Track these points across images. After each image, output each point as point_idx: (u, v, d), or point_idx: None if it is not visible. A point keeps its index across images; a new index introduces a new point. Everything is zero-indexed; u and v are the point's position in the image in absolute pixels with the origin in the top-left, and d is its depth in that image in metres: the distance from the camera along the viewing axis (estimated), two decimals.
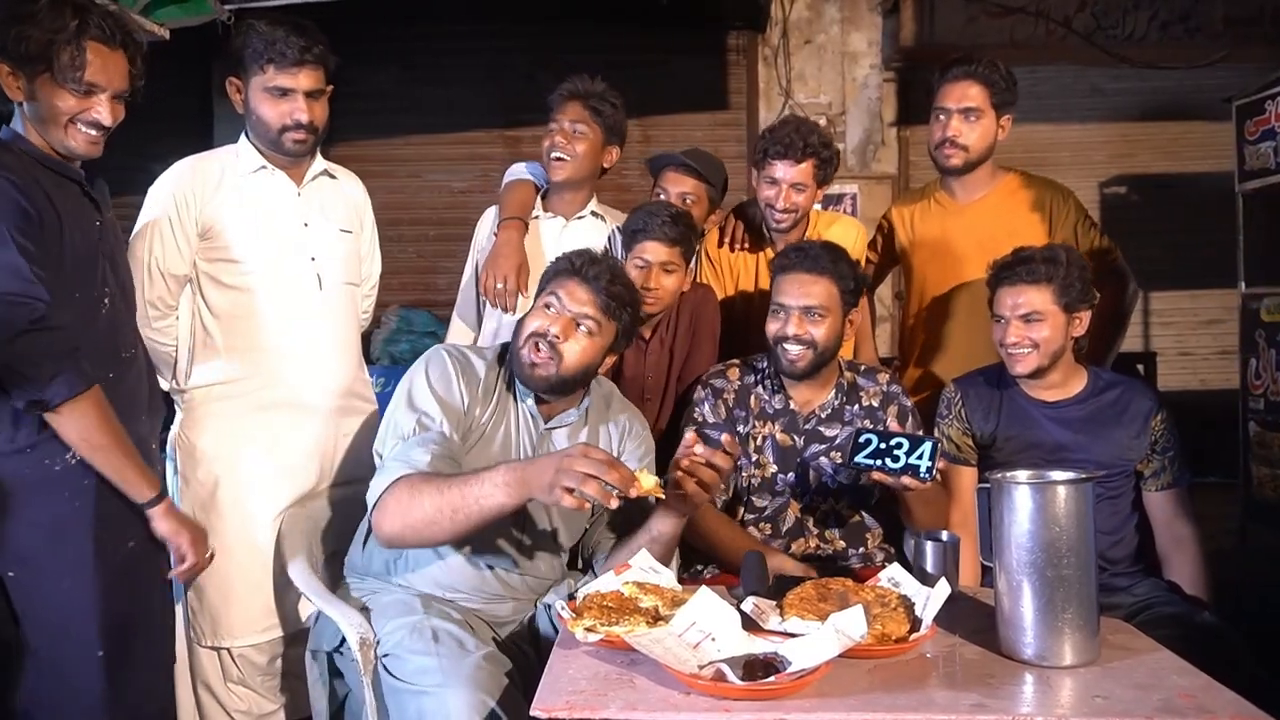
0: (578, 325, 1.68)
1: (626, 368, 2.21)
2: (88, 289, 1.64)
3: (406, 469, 1.53)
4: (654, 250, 2.09)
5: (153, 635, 1.78)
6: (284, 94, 1.95)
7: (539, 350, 1.66)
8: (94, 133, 1.62)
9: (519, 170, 2.40)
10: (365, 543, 1.79)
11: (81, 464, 1.62)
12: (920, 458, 1.65)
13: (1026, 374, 1.98)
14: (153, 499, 1.69)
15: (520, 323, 1.73)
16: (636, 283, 1.91)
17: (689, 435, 1.54)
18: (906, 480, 1.66)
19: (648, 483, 1.43)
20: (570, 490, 1.35)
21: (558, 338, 1.66)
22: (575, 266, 1.71)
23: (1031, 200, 2.38)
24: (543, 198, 2.35)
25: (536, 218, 2.31)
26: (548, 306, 1.70)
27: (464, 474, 1.51)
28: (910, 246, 2.46)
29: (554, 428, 1.76)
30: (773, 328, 1.96)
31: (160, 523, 1.71)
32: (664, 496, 1.50)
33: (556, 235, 2.29)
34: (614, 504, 1.37)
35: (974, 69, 2.32)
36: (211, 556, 1.83)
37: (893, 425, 2.01)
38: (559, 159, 2.25)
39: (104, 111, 1.61)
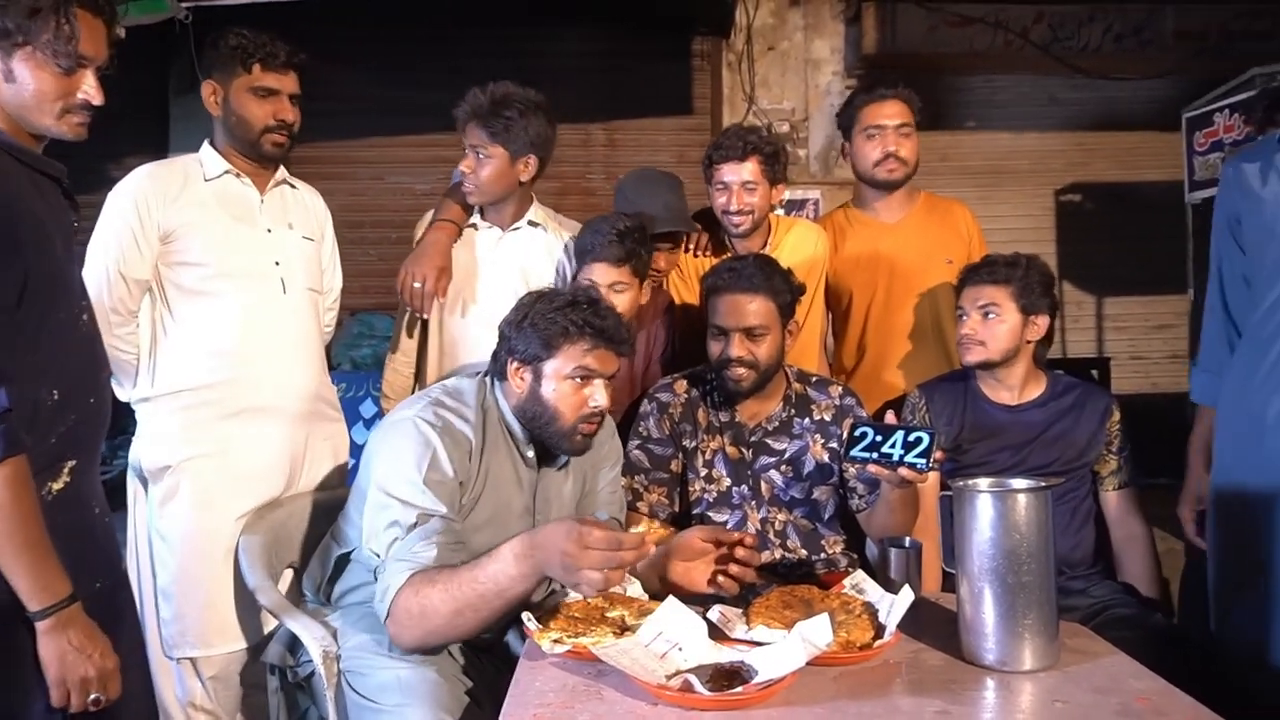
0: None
1: None
2: (69, 304, 1.43)
3: (411, 569, 1.45)
4: (601, 272, 2.04)
5: (126, 683, 1.43)
6: (270, 94, 1.95)
7: (592, 426, 1.67)
8: (86, 115, 1.43)
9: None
10: (328, 576, 1.75)
11: (53, 503, 1.35)
12: (918, 448, 1.61)
13: (974, 364, 2.06)
14: (65, 599, 1.30)
15: (546, 401, 1.64)
16: None
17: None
18: (904, 472, 1.61)
19: (654, 534, 1.42)
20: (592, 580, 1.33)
21: (608, 410, 1.68)
22: (596, 330, 1.63)
23: (952, 216, 2.51)
24: (480, 207, 2.24)
25: (474, 226, 2.21)
26: (586, 378, 1.63)
27: (469, 567, 1.44)
28: (834, 266, 2.48)
29: (547, 467, 1.75)
30: (715, 350, 1.96)
31: (68, 632, 1.29)
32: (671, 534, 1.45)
33: (493, 246, 2.20)
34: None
35: (898, 90, 2.41)
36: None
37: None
38: (467, 187, 2.14)
39: (93, 90, 1.41)
